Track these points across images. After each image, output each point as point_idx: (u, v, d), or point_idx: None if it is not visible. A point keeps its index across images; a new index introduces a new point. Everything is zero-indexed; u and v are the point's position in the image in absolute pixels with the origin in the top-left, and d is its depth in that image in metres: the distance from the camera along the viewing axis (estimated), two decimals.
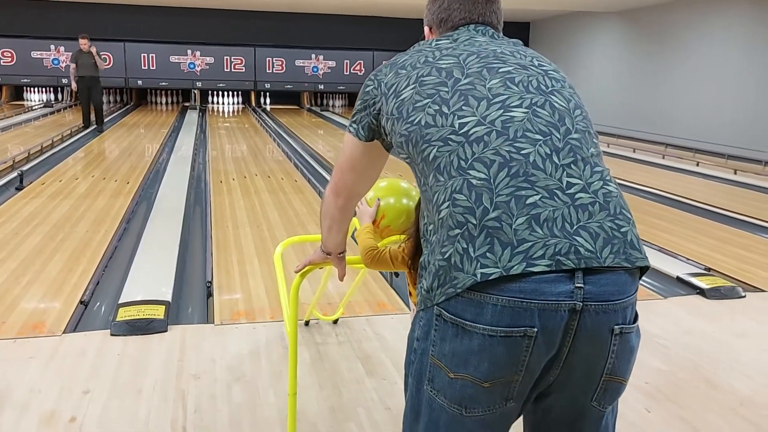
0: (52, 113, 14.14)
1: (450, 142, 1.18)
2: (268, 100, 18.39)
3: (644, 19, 13.49)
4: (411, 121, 1.24)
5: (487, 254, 1.10)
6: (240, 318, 3.30)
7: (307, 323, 3.24)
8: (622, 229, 1.15)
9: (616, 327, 1.13)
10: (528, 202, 1.12)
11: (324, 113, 16.84)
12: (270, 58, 17.61)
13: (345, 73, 18.19)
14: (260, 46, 17.42)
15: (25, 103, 16.17)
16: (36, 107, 15.19)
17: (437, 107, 1.22)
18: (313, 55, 17.91)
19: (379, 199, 1.94)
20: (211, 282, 3.78)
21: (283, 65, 17.74)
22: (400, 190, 2.00)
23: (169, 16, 16.45)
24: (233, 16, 16.72)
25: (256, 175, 7.54)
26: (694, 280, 3.95)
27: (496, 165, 1.14)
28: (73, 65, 10.80)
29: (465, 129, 1.18)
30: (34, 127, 11.52)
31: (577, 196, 1.14)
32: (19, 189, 6.17)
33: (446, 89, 1.23)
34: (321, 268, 2.13)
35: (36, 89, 16.66)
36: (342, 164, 1.46)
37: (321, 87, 18.22)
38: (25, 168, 7.14)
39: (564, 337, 1.11)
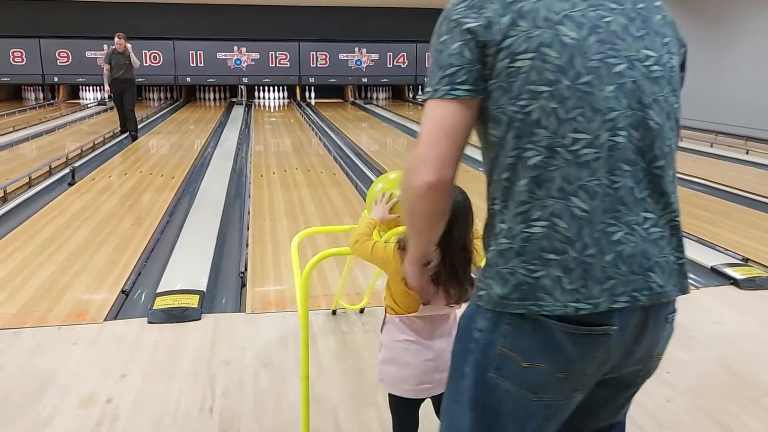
0: (105, 111, 14.65)
1: (557, 157, 1.12)
2: (312, 95, 18.60)
3: (696, 2, 13.09)
4: (521, 107, 1.13)
5: (581, 290, 1.13)
6: (270, 307, 3.42)
7: (334, 312, 3.34)
8: (680, 260, 1.22)
9: (669, 316, 1.25)
10: (614, 239, 1.14)
11: (368, 106, 16.94)
12: (314, 53, 17.80)
13: (388, 65, 18.24)
14: (304, 41, 17.63)
15: (80, 101, 16.80)
16: (90, 105, 15.77)
17: (554, 106, 1.11)
18: (357, 49, 18.02)
19: (389, 193, 2.00)
20: (244, 272, 3.91)
21: (327, 59, 17.90)
22: None
23: (216, 14, 16.81)
24: (277, 11, 16.96)
25: (297, 168, 7.68)
26: (729, 271, 3.88)
27: (598, 198, 1.13)
28: (106, 66, 9.95)
29: (576, 147, 1.12)
30: (88, 125, 11.98)
31: (651, 230, 1.18)
32: (71, 184, 6.46)
33: (567, 82, 1.11)
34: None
35: (91, 88, 17.27)
36: (434, 133, 1.15)
37: (365, 80, 18.32)
38: (77, 164, 7.47)
39: (634, 331, 1.19)
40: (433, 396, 1.91)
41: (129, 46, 9.94)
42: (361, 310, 3.34)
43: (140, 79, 16.92)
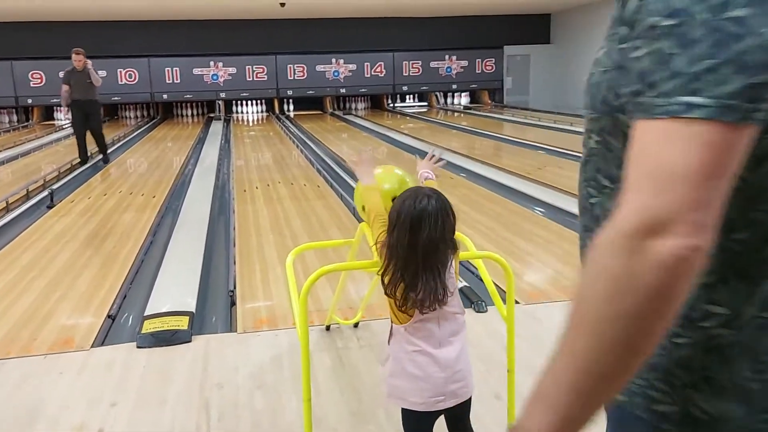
0: None
1: None
2: (291, 107, 18.56)
3: None
4: None
5: None
6: (262, 326, 3.35)
7: (328, 328, 3.27)
8: None
9: None
10: None
11: (347, 117, 16.92)
12: (291, 65, 17.77)
13: (366, 75, 18.26)
14: (281, 54, 17.60)
15: (55, 122, 16.57)
16: (66, 126, 15.52)
17: None
18: (334, 60, 18.02)
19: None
20: (233, 291, 3.84)
21: (305, 71, 17.88)
22: (394, 176, 2.32)
23: (191, 30, 16.73)
24: (253, 25, 16.93)
25: (279, 182, 7.61)
26: None
27: None
28: (65, 87, 8.98)
29: None
30: (64, 146, 11.79)
31: None
32: (49, 207, 6.33)
33: None
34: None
35: (66, 109, 17.05)
36: (713, 172, 0.67)
37: (343, 91, 18.32)
38: (55, 186, 7.34)
39: None
40: (447, 408, 1.86)
41: (89, 62, 8.99)
42: (356, 325, 3.28)
43: (116, 98, 16.86)
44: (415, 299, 1.74)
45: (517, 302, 3.03)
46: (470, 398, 1.89)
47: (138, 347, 3.11)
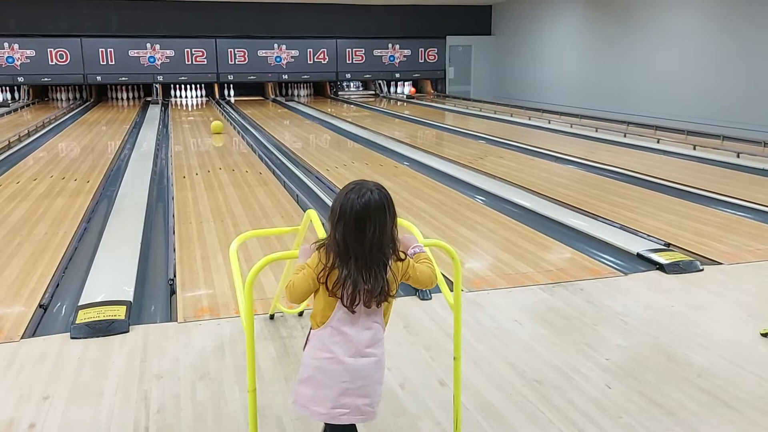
0: (8, 113, 13.79)
1: None
2: (231, 92, 18.20)
3: None
4: None
5: None
6: (204, 314, 3.27)
7: (272, 317, 3.22)
8: None
9: None
10: None
11: (289, 103, 16.71)
12: (232, 50, 17.40)
13: (309, 62, 18.06)
14: (221, 38, 17.21)
15: None
16: None
17: None
18: (276, 45, 17.74)
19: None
20: (173, 279, 3.74)
21: (246, 56, 17.54)
22: None
23: (125, 10, 16.15)
24: (192, 7, 16.48)
25: (220, 168, 7.46)
26: (654, 256, 4.02)
27: None
28: None
29: None
30: None
31: None
32: None
33: None
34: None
35: None
36: None
37: (285, 77, 18.07)
38: None
39: None
40: (348, 425, 1.83)
41: None
42: (300, 314, 3.25)
43: (46, 79, 16.16)
44: (355, 292, 1.70)
45: (461, 290, 3.06)
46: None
47: (72, 338, 2.99)
